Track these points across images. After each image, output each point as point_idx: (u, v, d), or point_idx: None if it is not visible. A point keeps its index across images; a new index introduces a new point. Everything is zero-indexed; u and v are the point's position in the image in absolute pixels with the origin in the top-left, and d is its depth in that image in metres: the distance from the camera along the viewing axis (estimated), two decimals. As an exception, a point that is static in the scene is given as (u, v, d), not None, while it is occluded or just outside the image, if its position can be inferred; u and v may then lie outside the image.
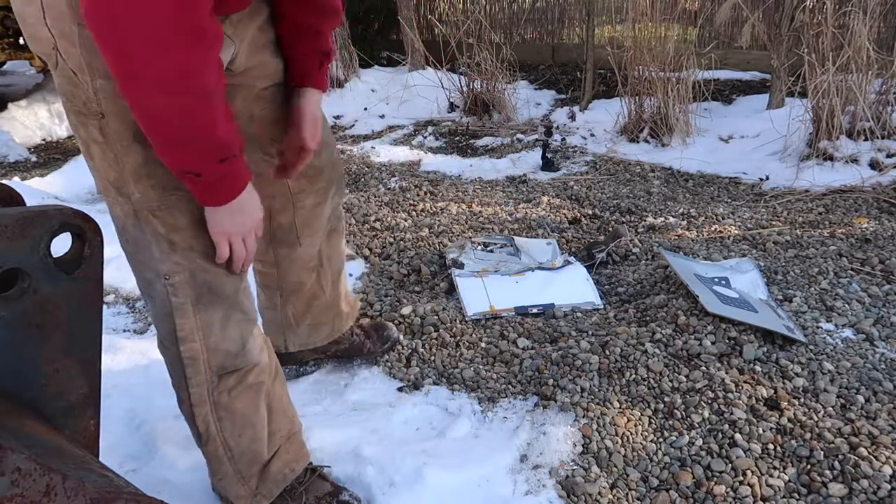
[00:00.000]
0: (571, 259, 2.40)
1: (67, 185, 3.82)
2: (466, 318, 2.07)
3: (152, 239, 1.13)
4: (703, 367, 1.71)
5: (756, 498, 1.37)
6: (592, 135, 4.31)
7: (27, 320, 0.84)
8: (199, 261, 1.16)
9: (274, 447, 1.37)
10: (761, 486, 1.39)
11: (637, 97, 4.03)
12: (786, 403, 1.59)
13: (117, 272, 2.65)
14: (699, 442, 1.51)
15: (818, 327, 1.87)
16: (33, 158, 4.70)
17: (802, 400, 1.61)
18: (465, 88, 4.89)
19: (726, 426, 1.53)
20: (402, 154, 4.13)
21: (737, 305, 1.88)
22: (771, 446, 1.48)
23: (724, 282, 2.04)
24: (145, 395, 1.80)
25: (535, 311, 2.11)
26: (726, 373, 1.68)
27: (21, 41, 5.22)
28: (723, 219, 2.76)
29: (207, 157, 1.01)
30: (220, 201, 1.08)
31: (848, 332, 1.85)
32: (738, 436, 1.50)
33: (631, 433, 1.55)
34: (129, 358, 1.96)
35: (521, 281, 2.25)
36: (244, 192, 1.10)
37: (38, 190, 3.57)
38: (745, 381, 1.66)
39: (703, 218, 2.79)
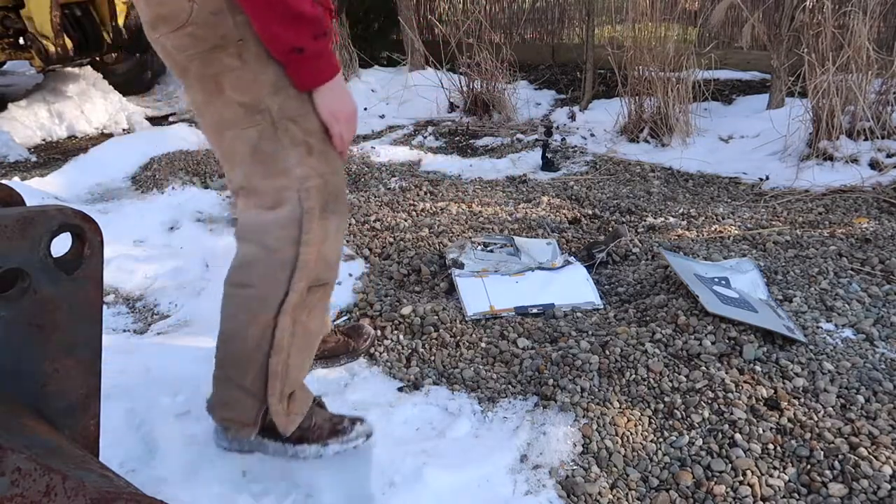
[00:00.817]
0: (571, 259, 2.40)
1: (67, 185, 3.83)
2: (466, 318, 2.07)
3: (290, 146, 1.30)
4: (703, 367, 1.71)
5: (756, 498, 1.37)
6: (592, 135, 4.31)
7: (27, 320, 0.84)
8: (331, 163, 1.34)
9: (308, 369, 1.54)
10: (761, 486, 1.39)
11: (637, 97, 4.03)
12: (786, 403, 1.59)
13: (117, 272, 2.65)
14: (699, 442, 1.51)
15: (818, 327, 1.87)
16: (33, 158, 4.70)
17: (802, 400, 1.61)
18: (465, 88, 4.89)
19: (726, 426, 1.53)
20: (402, 154, 4.13)
21: (737, 305, 1.88)
22: (771, 446, 1.48)
23: (724, 282, 2.04)
24: (145, 395, 1.80)
25: (535, 311, 2.11)
26: (726, 373, 1.68)
27: (21, 41, 5.22)
28: (723, 219, 2.76)
29: (308, 32, 1.19)
30: (324, 78, 1.26)
31: (848, 332, 1.85)
32: (738, 436, 1.50)
33: (631, 433, 1.55)
34: (129, 358, 1.96)
35: (521, 281, 2.25)
36: (339, 75, 1.29)
37: (38, 190, 3.57)
38: (745, 381, 1.66)
39: (703, 218, 2.79)
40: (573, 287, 2.20)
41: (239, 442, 1.53)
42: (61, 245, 0.86)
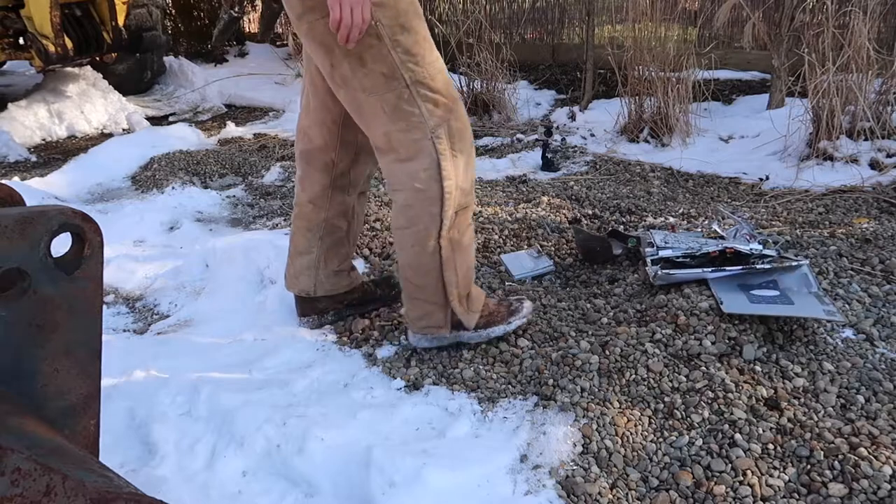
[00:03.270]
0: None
1: (67, 185, 3.82)
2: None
3: (423, 104, 1.62)
4: (703, 367, 1.71)
5: (756, 498, 1.37)
6: (592, 135, 4.31)
7: (27, 320, 0.84)
8: (452, 111, 1.66)
9: (474, 276, 1.88)
10: (761, 486, 1.39)
11: (637, 97, 4.03)
12: (786, 403, 1.59)
13: (117, 272, 2.65)
14: (699, 442, 1.51)
15: (818, 327, 1.87)
16: (33, 158, 4.70)
17: (802, 400, 1.61)
18: (465, 88, 4.89)
19: (726, 426, 1.53)
20: (402, 154, 4.12)
21: (769, 302, 1.87)
22: (771, 446, 1.48)
23: (771, 284, 2.00)
24: (145, 395, 1.80)
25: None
26: (726, 373, 1.68)
27: (21, 41, 5.22)
28: (723, 219, 2.76)
29: None
30: None
31: (848, 332, 1.85)
32: (738, 436, 1.50)
33: (631, 433, 1.55)
34: (129, 358, 1.96)
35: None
36: None
37: (38, 190, 3.57)
38: (745, 381, 1.66)
39: (703, 218, 2.79)
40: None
41: (438, 339, 1.90)
42: (61, 245, 0.86)
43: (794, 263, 2.03)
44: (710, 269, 2.03)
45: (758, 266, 2.03)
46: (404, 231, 1.76)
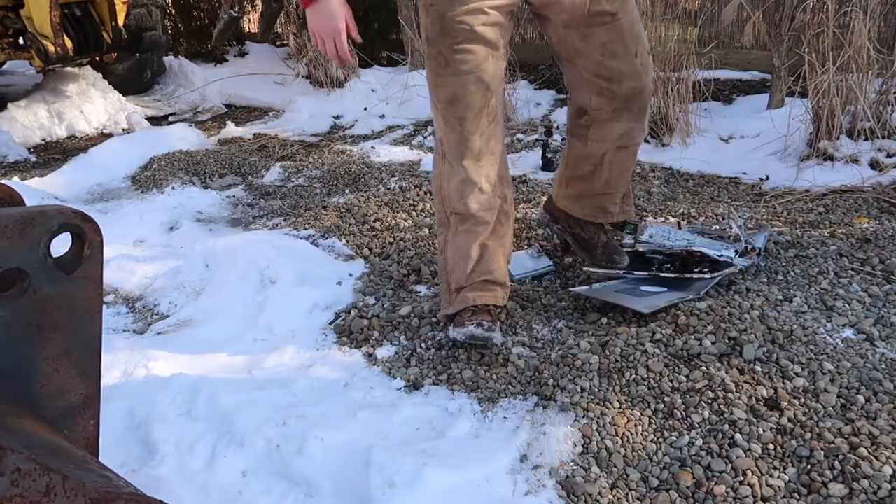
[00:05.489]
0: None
1: (67, 185, 3.82)
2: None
3: (432, 106, 1.85)
4: (703, 367, 1.71)
5: (756, 498, 1.37)
6: (592, 135, 4.30)
7: (27, 320, 0.84)
8: (448, 125, 1.81)
9: (471, 280, 1.90)
10: (761, 486, 1.39)
11: (637, 97, 4.01)
12: (786, 403, 1.59)
13: (117, 272, 2.65)
14: (699, 442, 1.51)
15: (818, 327, 1.87)
16: (33, 158, 4.70)
17: (802, 400, 1.60)
18: (465, 88, 4.88)
19: (726, 426, 1.53)
20: (402, 154, 4.12)
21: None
22: (771, 446, 1.48)
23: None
24: (145, 395, 1.80)
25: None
26: (726, 373, 1.68)
27: (21, 41, 5.21)
28: (723, 219, 2.76)
29: None
30: (305, 4, 1.69)
31: (848, 332, 1.85)
32: (738, 436, 1.50)
33: (631, 433, 1.55)
34: (129, 358, 1.96)
35: None
36: (321, 2, 1.67)
37: (37, 190, 3.57)
38: (745, 381, 1.66)
39: (703, 218, 2.78)
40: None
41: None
42: (61, 245, 0.86)
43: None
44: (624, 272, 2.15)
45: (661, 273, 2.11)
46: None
